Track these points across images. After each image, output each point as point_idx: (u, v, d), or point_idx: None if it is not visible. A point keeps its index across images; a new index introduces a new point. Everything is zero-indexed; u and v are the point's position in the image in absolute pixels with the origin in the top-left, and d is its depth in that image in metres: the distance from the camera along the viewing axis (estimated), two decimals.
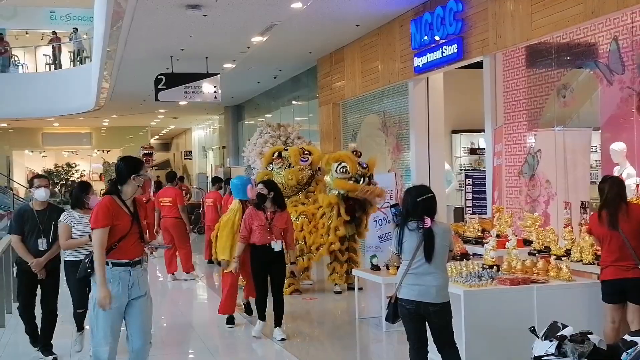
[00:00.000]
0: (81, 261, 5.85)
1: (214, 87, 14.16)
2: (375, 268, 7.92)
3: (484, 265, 6.34)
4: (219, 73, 14.25)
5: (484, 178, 10.09)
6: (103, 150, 35.40)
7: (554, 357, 4.06)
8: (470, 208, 10.65)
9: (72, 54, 23.14)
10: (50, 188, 6.81)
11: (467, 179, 11.00)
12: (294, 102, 18.89)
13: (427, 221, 4.80)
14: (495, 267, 6.27)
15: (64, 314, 6.89)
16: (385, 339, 7.37)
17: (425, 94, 11.31)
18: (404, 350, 5.28)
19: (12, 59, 22.84)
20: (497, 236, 7.07)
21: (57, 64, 23.17)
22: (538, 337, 4.28)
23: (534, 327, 4.41)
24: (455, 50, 9.33)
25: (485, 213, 9.67)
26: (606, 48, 7.54)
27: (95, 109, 20.08)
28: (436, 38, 9.78)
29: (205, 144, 32.92)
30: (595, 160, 8.61)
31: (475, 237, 8.04)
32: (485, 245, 6.81)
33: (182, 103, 16.46)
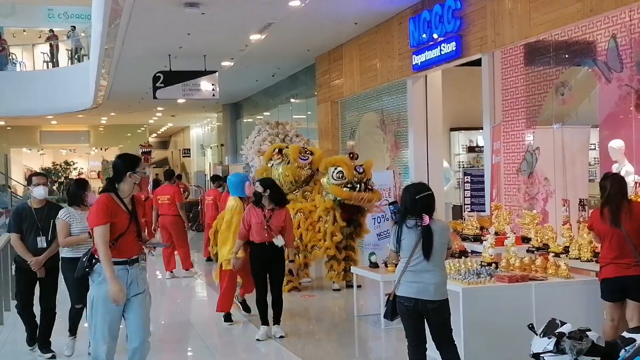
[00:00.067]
0: (78, 258, 5.85)
1: (212, 85, 14.14)
2: (374, 265, 7.92)
3: (483, 263, 6.35)
4: (217, 71, 14.23)
5: (482, 176, 10.08)
6: (101, 148, 35.38)
7: (552, 354, 4.07)
8: (469, 206, 10.65)
9: (69, 52, 23.11)
10: (48, 186, 6.80)
11: (465, 177, 10.99)
12: (292, 100, 18.87)
13: (426, 219, 4.80)
14: (493, 264, 6.28)
15: (62, 311, 6.88)
16: (384, 337, 7.37)
17: (424, 92, 11.31)
18: (402, 348, 5.29)
19: (10, 57, 22.80)
20: (496, 234, 7.09)
21: (55, 62, 23.13)
22: (536, 334, 4.29)
23: (532, 324, 4.41)
24: (454, 48, 9.33)
25: (484, 211, 9.67)
26: (604, 46, 7.55)
27: (93, 107, 20.05)
28: (434, 36, 9.78)
29: (203, 141, 32.89)
30: (594, 158, 8.62)
31: (473, 235, 8.05)
32: (483, 242, 6.83)
33: (180, 101, 16.44)
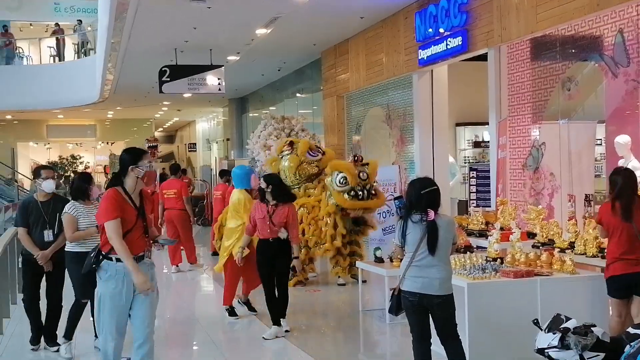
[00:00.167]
0: (83, 253, 5.85)
1: (218, 79, 14.16)
2: (379, 260, 7.93)
3: (488, 258, 6.34)
4: (223, 65, 14.25)
5: (488, 171, 10.07)
6: (107, 143, 35.45)
7: (557, 350, 4.08)
8: (475, 201, 10.64)
9: (76, 46, 23.14)
10: (55, 180, 6.80)
11: (471, 172, 10.98)
12: (298, 95, 18.86)
13: (431, 214, 4.80)
14: (498, 259, 6.27)
15: (68, 305, 6.90)
16: (389, 331, 7.38)
17: (430, 87, 11.30)
18: (407, 343, 5.30)
19: (17, 51, 22.83)
20: (501, 229, 7.07)
21: (61, 56, 23.16)
22: (541, 330, 4.29)
23: (537, 319, 4.42)
24: (460, 43, 9.31)
25: (489, 206, 9.66)
26: (611, 40, 7.51)
27: (100, 101, 20.10)
28: (441, 30, 9.76)
29: (209, 136, 32.91)
30: (600, 153, 8.60)
31: (479, 230, 8.04)
32: (489, 237, 6.82)
33: (186, 95, 16.45)
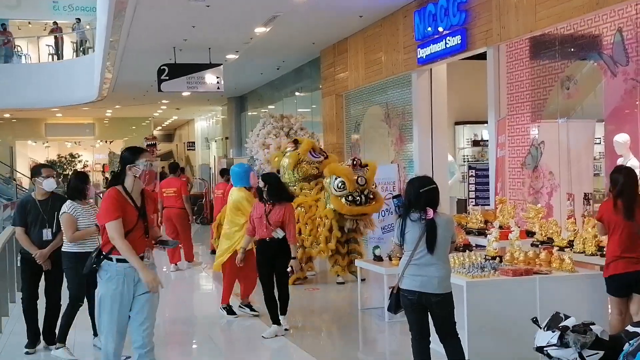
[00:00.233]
0: (81, 253, 5.85)
1: (217, 78, 14.14)
2: (378, 259, 7.93)
3: (487, 257, 6.35)
4: (221, 64, 14.23)
5: (487, 169, 10.07)
6: (106, 141, 35.43)
7: (556, 348, 4.08)
8: (474, 199, 10.64)
9: (75, 45, 23.10)
10: (55, 178, 6.77)
11: (470, 171, 10.98)
12: (297, 93, 18.85)
13: (430, 212, 4.80)
14: (497, 258, 6.28)
15: (66, 305, 6.89)
16: (388, 330, 7.38)
17: (429, 86, 11.29)
18: (406, 341, 5.30)
19: (15, 50, 22.79)
20: (500, 227, 7.07)
21: (60, 55, 23.13)
22: (540, 328, 4.30)
23: (536, 317, 4.43)
24: (459, 42, 9.30)
25: (488, 204, 9.67)
26: (610, 39, 7.52)
27: (98, 99, 20.07)
28: (440, 29, 9.76)
29: (208, 135, 32.90)
30: (599, 152, 8.60)
31: (478, 229, 8.05)
32: (488, 236, 6.82)
33: (185, 94, 16.44)
